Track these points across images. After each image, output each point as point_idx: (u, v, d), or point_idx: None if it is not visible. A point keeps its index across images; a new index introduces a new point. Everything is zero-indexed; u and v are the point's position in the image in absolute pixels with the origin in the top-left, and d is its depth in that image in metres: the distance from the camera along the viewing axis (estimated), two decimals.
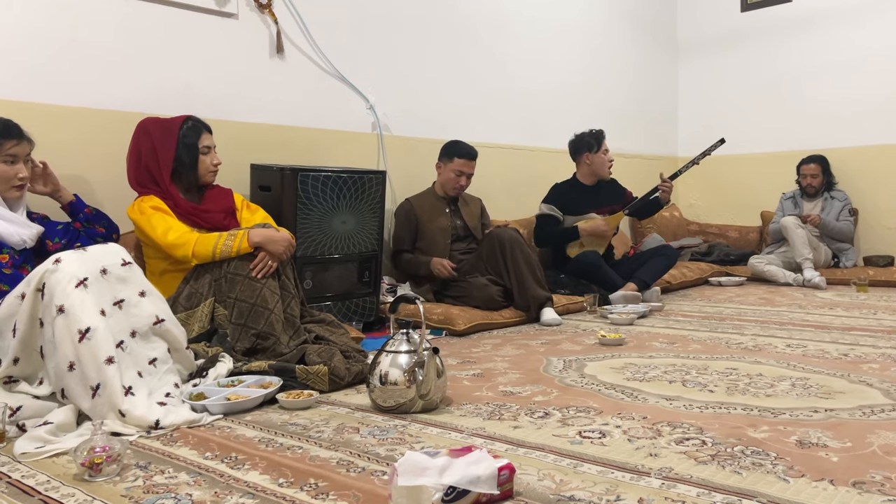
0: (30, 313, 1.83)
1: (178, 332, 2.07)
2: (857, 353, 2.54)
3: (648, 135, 5.91)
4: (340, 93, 3.68)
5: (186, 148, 2.57)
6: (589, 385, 2.18)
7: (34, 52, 2.63)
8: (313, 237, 3.02)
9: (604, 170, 4.11)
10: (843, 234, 4.87)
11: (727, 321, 3.32)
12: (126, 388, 1.81)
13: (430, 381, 1.90)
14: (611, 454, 1.55)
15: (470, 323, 3.20)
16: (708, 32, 6.02)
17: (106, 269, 1.92)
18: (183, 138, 2.57)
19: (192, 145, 2.58)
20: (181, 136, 2.57)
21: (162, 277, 2.52)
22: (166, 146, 2.56)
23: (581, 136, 4.14)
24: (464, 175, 3.65)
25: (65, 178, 2.51)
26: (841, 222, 4.88)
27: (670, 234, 5.51)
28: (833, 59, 5.36)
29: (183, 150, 2.57)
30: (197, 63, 3.10)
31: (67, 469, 1.54)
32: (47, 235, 2.34)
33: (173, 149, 2.56)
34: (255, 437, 1.74)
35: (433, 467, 1.29)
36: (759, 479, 1.39)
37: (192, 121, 2.63)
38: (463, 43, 4.34)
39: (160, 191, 2.53)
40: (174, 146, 2.56)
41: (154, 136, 2.57)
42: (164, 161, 2.55)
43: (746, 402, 1.94)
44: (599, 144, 4.09)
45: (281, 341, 2.32)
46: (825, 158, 5.05)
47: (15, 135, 2.19)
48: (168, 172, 2.54)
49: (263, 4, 3.31)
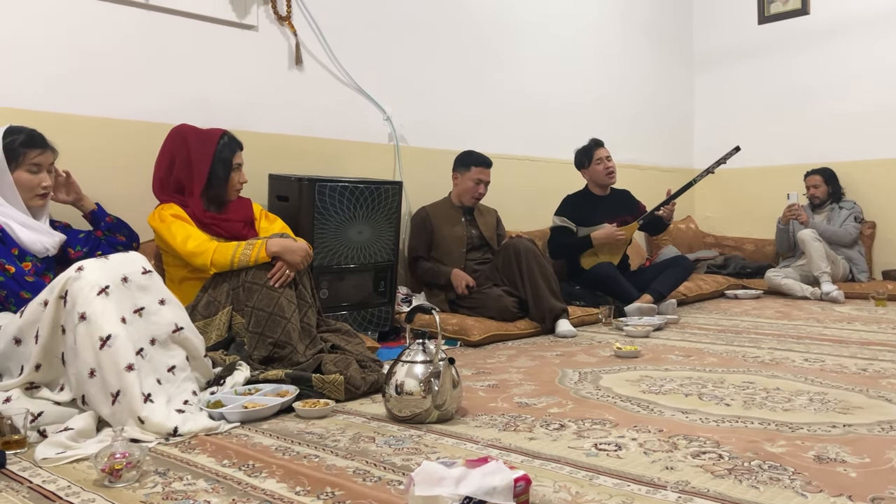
0: (52, 320, 1.86)
1: (196, 340, 2.09)
2: (876, 368, 2.52)
3: (664, 146, 5.90)
4: (358, 104, 3.71)
5: (222, 163, 2.59)
6: (604, 397, 2.18)
7: (59, 64, 2.68)
8: (330, 247, 3.04)
9: (603, 179, 4.13)
10: (839, 238, 4.81)
11: (744, 334, 3.31)
12: (145, 395, 1.83)
13: (445, 392, 1.91)
14: (626, 467, 1.55)
15: (485, 334, 3.20)
16: (725, 44, 6.02)
17: (127, 278, 1.94)
18: (219, 153, 2.59)
19: (227, 161, 2.60)
20: (218, 151, 2.59)
21: (181, 285, 2.55)
22: (203, 159, 2.57)
23: (576, 154, 4.22)
24: (482, 183, 3.68)
25: (87, 186, 2.55)
26: (840, 228, 4.83)
27: (686, 247, 5.49)
28: (851, 71, 5.34)
29: (219, 164, 2.59)
30: (217, 74, 3.14)
31: (87, 475, 1.56)
32: (69, 244, 2.37)
33: (209, 163, 2.57)
34: (271, 446, 1.75)
35: (449, 477, 1.29)
36: (776, 493, 1.38)
37: (227, 136, 2.65)
38: (478, 55, 4.37)
39: (183, 199, 2.56)
40: (210, 160, 2.58)
41: (192, 147, 2.58)
42: (199, 173, 2.56)
43: (763, 417, 1.93)
44: (590, 159, 4.14)
45: (297, 350, 2.33)
46: (829, 170, 5.04)
47: (39, 144, 2.23)
48: (201, 185, 2.56)
49: (283, 17, 3.36)
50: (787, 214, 4.85)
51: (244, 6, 3.21)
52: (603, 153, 4.14)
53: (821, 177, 5.01)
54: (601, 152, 4.14)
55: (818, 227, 4.79)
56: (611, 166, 4.14)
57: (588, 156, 4.15)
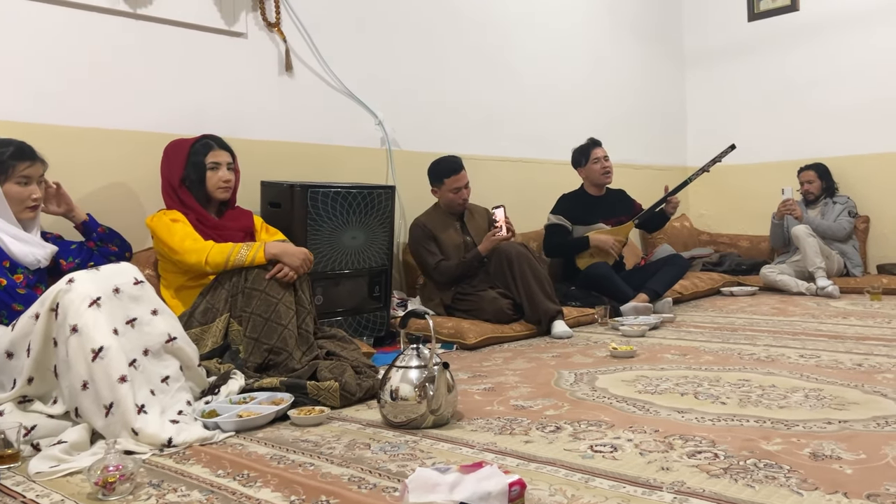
0: (44, 333, 1.85)
1: (190, 349, 2.08)
2: (872, 363, 2.52)
3: (657, 145, 5.91)
4: (349, 109, 3.71)
5: (193, 165, 2.62)
6: (600, 398, 2.18)
7: (48, 76, 2.67)
8: (323, 253, 3.03)
9: (599, 178, 4.14)
10: (833, 233, 4.81)
11: (739, 332, 3.31)
12: (139, 407, 1.82)
13: (440, 397, 1.90)
14: (622, 468, 1.55)
15: (481, 336, 3.20)
16: (715, 42, 6.03)
17: (118, 288, 1.93)
18: (191, 156, 2.63)
19: (198, 163, 2.62)
20: (189, 155, 2.63)
21: (179, 293, 2.56)
22: (176, 164, 2.62)
23: (573, 153, 4.23)
24: (461, 189, 3.60)
25: (78, 197, 2.55)
26: (834, 223, 4.84)
27: (681, 245, 5.49)
28: (842, 66, 5.35)
29: (190, 167, 2.62)
30: (207, 82, 3.13)
31: (81, 488, 1.55)
32: (61, 255, 2.36)
33: (182, 167, 2.62)
34: (266, 454, 1.74)
35: (444, 483, 1.29)
36: (772, 492, 1.38)
37: (205, 138, 2.68)
38: (469, 58, 4.37)
39: (185, 208, 2.59)
40: (182, 164, 2.62)
41: (169, 157, 2.65)
42: (175, 179, 2.61)
43: (759, 414, 1.92)
44: (587, 158, 4.15)
45: (294, 357, 2.33)
46: (823, 165, 5.05)
47: (28, 156, 2.22)
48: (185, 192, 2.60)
49: (272, 23, 3.35)
50: (782, 210, 4.85)
51: (233, 14, 3.20)
52: (600, 153, 4.15)
53: (814, 172, 5.02)
54: (598, 152, 4.15)
55: (812, 222, 4.80)
56: (607, 166, 4.14)
57: (585, 154, 4.16)
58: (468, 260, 3.51)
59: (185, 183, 2.61)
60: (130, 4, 2.86)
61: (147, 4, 2.91)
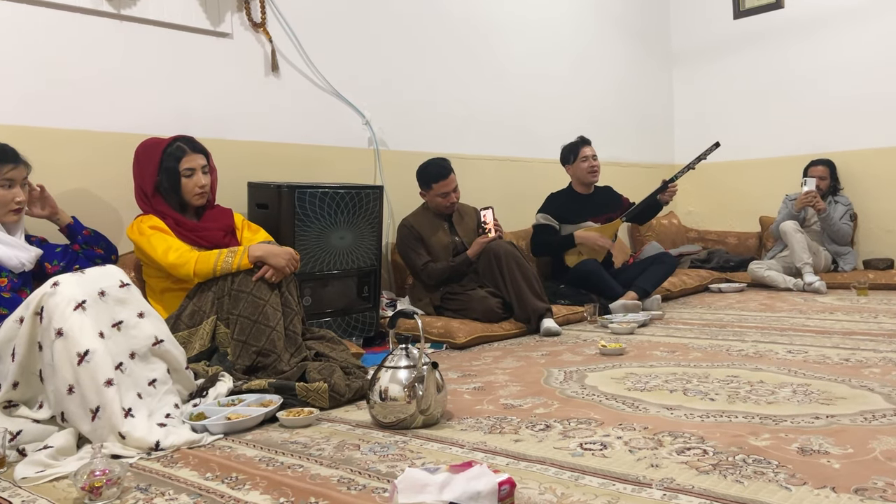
0: (28, 337, 1.83)
1: (177, 352, 2.07)
2: (859, 358, 2.54)
3: (644, 143, 5.93)
4: (336, 109, 3.69)
5: (166, 172, 2.54)
6: (590, 396, 2.18)
7: (31, 78, 2.64)
8: (312, 253, 3.02)
9: (585, 177, 4.15)
10: (843, 235, 4.86)
11: (728, 328, 3.32)
12: (126, 410, 1.81)
13: (429, 396, 1.90)
14: (612, 466, 1.55)
15: (470, 336, 3.19)
16: (701, 40, 6.06)
17: (104, 291, 1.92)
18: (163, 163, 2.55)
19: (171, 169, 2.54)
20: (161, 161, 2.55)
21: (163, 296, 2.53)
22: (148, 171, 2.55)
23: (562, 149, 4.24)
24: (449, 193, 3.59)
25: (62, 200, 2.52)
26: (844, 225, 4.87)
27: (669, 242, 5.51)
28: (827, 63, 5.38)
29: (163, 174, 2.55)
30: (192, 83, 3.11)
31: (68, 493, 1.54)
32: (46, 258, 2.34)
33: (154, 174, 2.55)
34: (255, 457, 1.73)
35: (433, 484, 1.29)
36: (760, 487, 1.39)
37: (178, 142, 2.59)
38: (456, 57, 4.36)
39: (158, 211, 2.54)
40: (155, 171, 2.55)
41: (140, 160, 2.58)
42: (148, 186, 2.55)
43: (748, 410, 1.93)
44: (576, 155, 4.17)
45: (282, 359, 2.31)
46: (832, 162, 5.03)
47: (11, 159, 2.20)
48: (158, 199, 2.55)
49: (258, 24, 3.34)
50: (804, 200, 4.77)
51: (218, 14, 3.19)
52: (589, 151, 4.16)
53: (826, 168, 4.98)
54: (587, 150, 4.16)
55: (828, 219, 4.80)
56: (595, 165, 4.15)
57: (574, 152, 4.17)
58: (457, 264, 3.51)
59: (160, 190, 2.55)
60: (114, 5, 2.84)
61: (131, 5, 2.89)
